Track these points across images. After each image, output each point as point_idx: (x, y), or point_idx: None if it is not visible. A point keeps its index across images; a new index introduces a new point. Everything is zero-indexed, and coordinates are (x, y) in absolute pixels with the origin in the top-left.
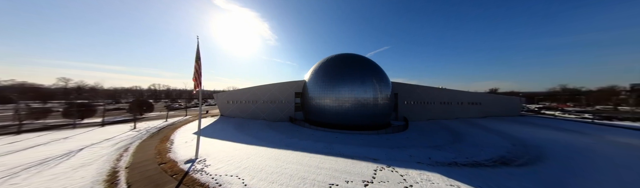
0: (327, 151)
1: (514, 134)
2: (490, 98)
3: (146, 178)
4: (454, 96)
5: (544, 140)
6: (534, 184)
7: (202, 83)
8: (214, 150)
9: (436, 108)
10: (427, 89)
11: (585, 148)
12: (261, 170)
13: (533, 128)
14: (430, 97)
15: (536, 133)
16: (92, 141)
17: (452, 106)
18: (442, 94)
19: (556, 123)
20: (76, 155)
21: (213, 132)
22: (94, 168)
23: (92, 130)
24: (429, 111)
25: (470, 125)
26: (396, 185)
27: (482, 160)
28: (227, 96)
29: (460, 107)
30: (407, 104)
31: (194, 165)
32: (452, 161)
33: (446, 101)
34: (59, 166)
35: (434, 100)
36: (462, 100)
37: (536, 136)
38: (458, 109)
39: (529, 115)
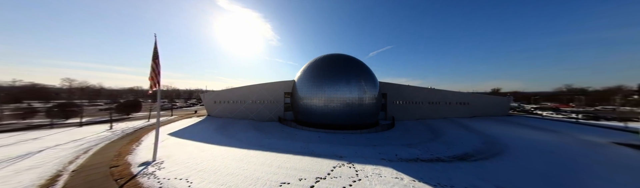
0: (300, 150)
1: (490, 133)
2: (478, 98)
3: (87, 182)
4: (443, 97)
5: (514, 138)
6: (469, 175)
7: (160, 83)
8: (178, 151)
9: (425, 108)
10: (416, 90)
11: (547, 145)
12: (216, 172)
13: (512, 127)
14: (419, 97)
15: (512, 132)
16: (57, 142)
17: (441, 106)
18: (431, 95)
19: (539, 122)
20: (32, 156)
21: (189, 133)
22: (39, 172)
23: (68, 131)
24: (418, 111)
25: (454, 125)
26: (346, 180)
27: (445, 156)
28: (214, 96)
29: (449, 107)
30: (396, 104)
31: (147, 168)
32: (415, 158)
33: (435, 101)
34: (5, 169)
35: (422, 100)
36: (451, 100)
37: (509, 134)
38: (446, 109)
39: (517, 115)
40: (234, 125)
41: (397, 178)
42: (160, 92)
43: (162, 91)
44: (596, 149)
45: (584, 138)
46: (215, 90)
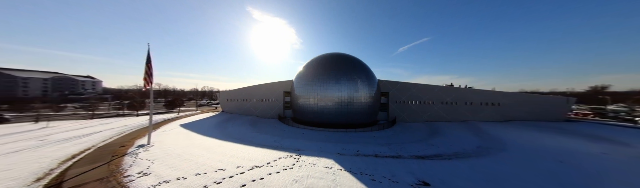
0: (270, 144)
1: (504, 138)
2: (516, 98)
3: (96, 155)
4: (461, 96)
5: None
6: (403, 168)
7: (152, 82)
8: (170, 139)
9: (436, 108)
10: (424, 88)
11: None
12: (177, 157)
13: (561, 137)
14: (429, 96)
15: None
16: (113, 127)
17: (458, 106)
18: (444, 94)
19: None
20: (91, 135)
21: (193, 125)
22: (82, 146)
23: (129, 119)
24: (427, 112)
25: (467, 129)
26: (278, 168)
27: (410, 155)
28: (227, 95)
29: (470, 108)
30: (399, 103)
31: (139, 149)
32: (374, 154)
33: (449, 101)
34: (69, 142)
35: (432, 100)
36: (472, 100)
37: (540, 143)
38: (465, 111)
39: (583, 121)
40: (235, 120)
41: (327, 168)
42: (152, 90)
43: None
44: None
45: None
46: (228, 90)
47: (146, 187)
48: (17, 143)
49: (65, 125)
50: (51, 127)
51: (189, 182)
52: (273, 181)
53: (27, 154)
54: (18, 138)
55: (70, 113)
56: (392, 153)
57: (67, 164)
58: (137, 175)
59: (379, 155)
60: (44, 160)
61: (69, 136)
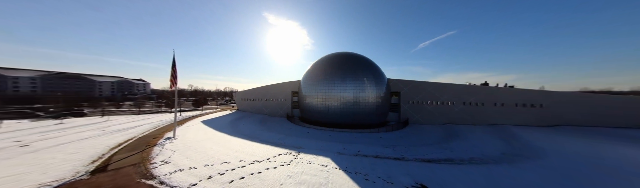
0: (274, 141)
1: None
2: (567, 99)
3: (135, 145)
4: (488, 95)
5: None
6: (403, 170)
7: (177, 84)
8: (191, 133)
9: (457, 110)
10: (441, 87)
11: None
12: (193, 149)
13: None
14: (447, 96)
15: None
16: (151, 121)
17: (484, 108)
18: (467, 93)
19: None
20: (135, 128)
21: (212, 122)
22: (127, 136)
23: (165, 115)
24: (445, 114)
25: (497, 134)
26: (276, 163)
27: (415, 158)
28: (242, 94)
29: (500, 110)
30: (412, 104)
31: (166, 141)
32: (375, 155)
33: (473, 101)
34: (119, 133)
35: (452, 100)
36: (503, 101)
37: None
38: (495, 113)
39: None
40: (247, 118)
41: (322, 165)
42: (177, 90)
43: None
44: None
45: None
46: (243, 90)
47: (164, 173)
48: (87, 132)
49: (121, 119)
50: (111, 120)
51: (197, 172)
52: (269, 175)
53: (90, 141)
54: (88, 128)
55: (125, 110)
56: (395, 155)
57: (114, 151)
58: (160, 163)
59: (380, 156)
60: (99, 146)
61: (121, 128)
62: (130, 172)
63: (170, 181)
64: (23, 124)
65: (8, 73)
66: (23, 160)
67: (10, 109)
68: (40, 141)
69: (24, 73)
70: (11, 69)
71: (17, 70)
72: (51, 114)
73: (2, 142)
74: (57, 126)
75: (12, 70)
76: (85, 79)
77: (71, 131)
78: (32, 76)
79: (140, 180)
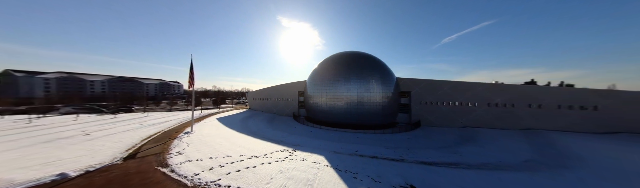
0: (277, 139)
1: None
2: (631, 100)
3: (161, 137)
4: (521, 96)
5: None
6: (395, 171)
7: (194, 84)
8: (205, 128)
9: (479, 112)
10: (460, 86)
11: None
12: (204, 143)
13: None
14: (467, 97)
15: None
16: (177, 117)
17: (515, 110)
18: (492, 93)
19: None
20: (164, 122)
21: (225, 119)
22: (156, 129)
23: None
24: (465, 116)
25: (527, 139)
26: (271, 159)
27: (416, 160)
28: (253, 94)
29: (537, 113)
30: (425, 104)
31: (184, 134)
32: (372, 155)
33: (500, 102)
34: (151, 127)
35: (474, 101)
36: (541, 101)
37: None
38: (529, 116)
39: None
40: (257, 116)
41: (314, 163)
42: (194, 91)
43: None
44: None
45: None
46: (254, 90)
47: (176, 162)
48: (130, 126)
49: (156, 115)
50: (149, 116)
51: (202, 163)
52: (262, 170)
53: (131, 133)
54: (132, 122)
55: (162, 107)
56: (394, 156)
57: (144, 141)
58: (175, 154)
59: (377, 157)
60: (135, 137)
61: (155, 122)
62: (152, 160)
63: (179, 170)
64: (91, 117)
65: (87, 78)
66: (83, 146)
67: (86, 106)
68: (98, 131)
69: (96, 77)
70: (88, 75)
71: (92, 75)
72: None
73: (73, 131)
74: (112, 120)
75: (89, 75)
76: (137, 81)
77: (120, 124)
78: (102, 79)
79: (157, 168)
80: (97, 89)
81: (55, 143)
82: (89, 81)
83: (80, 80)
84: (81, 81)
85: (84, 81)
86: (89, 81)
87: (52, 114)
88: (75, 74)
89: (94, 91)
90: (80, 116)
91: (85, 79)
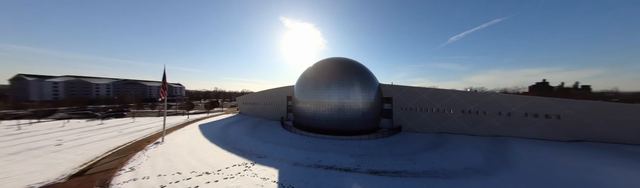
0: (246, 148)
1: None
2: (597, 109)
3: (127, 148)
4: (490, 103)
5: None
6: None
7: (166, 95)
8: (178, 138)
9: (455, 118)
10: (437, 93)
11: None
12: (164, 156)
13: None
14: (444, 103)
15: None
16: (161, 124)
17: (487, 117)
18: (466, 100)
19: None
20: (146, 130)
21: (207, 126)
22: (133, 137)
23: (179, 117)
24: (442, 122)
25: (486, 147)
26: (221, 176)
27: (368, 169)
28: (243, 98)
29: (505, 120)
30: (405, 110)
31: (152, 146)
32: (331, 166)
33: (473, 109)
34: (127, 135)
35: (450, 108)
36: (511, 110)
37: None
38: (500, 124)
39: None
40: (243, 121)
41: (263, 179)
42: (166, 100)
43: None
44: None
45: None
46: (245, 95)
47: (119, 182)
48: (108, 134)
49: (143, 120)
50: (136, 122)
51: (146, 182)
52: None
53: (102, 143)
54: (113, 129)
55: (156, 111)
56: (352, 165)
57: (107, 154)
58: (126, 170)
59: (335, 167)
60: (102, 149)
61: (136, 130)
62: (96, 179)
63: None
64: (80, 123)
65: (93, 81)
66: (44, 159)
67: (79, 110)
68: (73, 141)
69: (102, 81)
70: (95, 78)
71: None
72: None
73: (49, 141)
74: (98, 126)
75: (95, 79)
76: (140, 84)
77: (101, 131)
78: (107, 83)
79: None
80: (103, 92)
81: (21, 155)
82: (95, 85)
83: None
84: (87, 84)
85: (90, 84)
86: (94, 85)
87: (48, 119)
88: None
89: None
90: (71, 122)
91: (91, 82)
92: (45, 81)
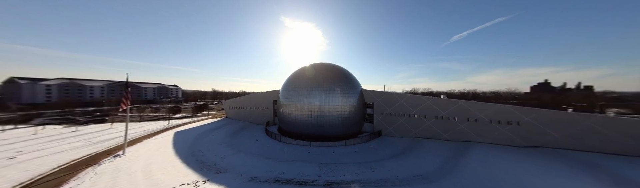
0: (210, 161)
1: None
2: (546, 117)
3: (81, 163)
4: (460, 110)
5: None
6: None
7: (128, 105)
8: (144, 148)
9: (429, 124)
10: (413, 99)
11: None
12: (114, 172)
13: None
14: (419, 109)
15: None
16: (138, 130)
17: (457, 123)
18: (439, 107)
19: None
20: (116, 139)
21: (184, 133)
22: (96, 148)
23: (160, 123)
24: (418, 128)
25: (446, 153)
26: None
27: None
28: (229, 103)
29: (473, 126)
30: (385, 115)
31: (109, 159)
32: (290, 179)
33: (445, 115)
34: (101, 143)
35: (424, 113)
36: (478, 116)
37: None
38: (468, 130)
39: None
40: (223, 128)
41: None
42: (129, 110)
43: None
44: None
45: None
46: (231, 99)
47: None
48: (74, 144)
49: (121, 127)
50: (113, 128)
51: None
52: None
53: (58, 156)
54: (84, 137)
55: (144, 114)
56: (312, 176)
57: (54, 170)
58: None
59: (292, 181)
60: (52, 163)
61: (106, 138)
62: None
63: None
64: (54, 130)
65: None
66: None
67: (61, 115)
68: (31, 152)
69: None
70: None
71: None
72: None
73: (7, 153)
74: (70, 134)
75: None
76: (135, 86)
77: (69, 140)
78: (101, 85)
79: None
80: (96, 94)
81: None
82: (89, 87)
83: (80, 86)
84: (81, 86)
85: (84, 86)
86: (88, 87)
87: (26, 125)
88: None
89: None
90: (46, 129)
91: (85, 84)
92: (38, 84)
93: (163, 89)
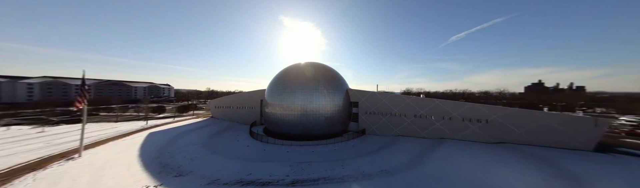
0: (176, 164)
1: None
2: (508, 115)
3: (26, 167)
4: (435, 109)
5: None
6: None
7: (85, 103)
8: (106, 150)
9: (408, 122)
10: (394, 99)
11: None
12: (56, 178)
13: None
14: (399, 108)
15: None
16: (111, 131)
17: (433, 121)
18: (417, 105)
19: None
20: (79, 141)
21: (159, 133)
22: (53, 151)
23: (137, 123)
24: (398, 126)
25: (415, 149)
26: None
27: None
28: (215, 102)
29: (447, 124)
30: (369, 114)
31: (58, 163)
32: (255, 180)
33: (423, 114)
34: (59, 146)
35: (404, 112)
36: (450, 115)
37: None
38: (444, 127)
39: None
40: (208, 127)
41: None
42: (85, 109)
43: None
44: None
45: None
46: (217, 98)
47: None
48: (35, 145)
49: (95, 127)
50: (86, 128)
51: None
52: None
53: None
54: (47, 139)
55: (127, 114)
56: (279, 177)
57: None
58: None
59: (255, 182)
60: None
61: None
62: None
63: None
64: (18, 131)
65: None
66: None
67: (29, 115)
68: None
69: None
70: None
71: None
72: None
73: None
74: (33, 135)
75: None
76: (125, 85)
77: (26, 142)
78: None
79: None
80: None
81: None
82: (74, 85)
83: (65, 84)
84: (66, 85)
85: (68, 85)
86: (73, 86)
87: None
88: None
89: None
90: (11, 130)
91: (70, 83)
92: (18, 83)
93: (154, 89)
